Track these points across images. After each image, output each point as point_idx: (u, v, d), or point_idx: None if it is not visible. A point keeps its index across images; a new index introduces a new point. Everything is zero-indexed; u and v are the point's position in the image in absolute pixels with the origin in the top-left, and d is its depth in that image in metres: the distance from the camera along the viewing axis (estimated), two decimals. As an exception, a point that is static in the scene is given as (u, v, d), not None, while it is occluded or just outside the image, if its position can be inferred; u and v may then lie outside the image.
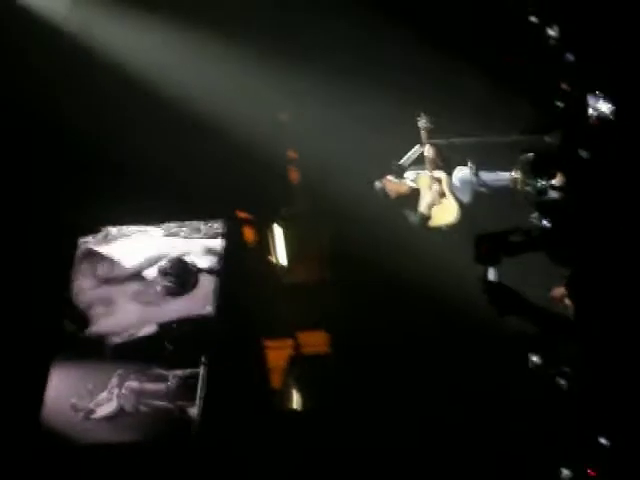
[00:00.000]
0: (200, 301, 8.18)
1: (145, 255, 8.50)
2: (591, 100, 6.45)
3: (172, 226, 8.66)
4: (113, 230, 8.69)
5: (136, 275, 8.45)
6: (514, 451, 7.05)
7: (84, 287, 8.43)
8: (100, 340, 8.13)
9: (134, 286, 8.38)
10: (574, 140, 6.79)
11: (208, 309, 8.14)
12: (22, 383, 7.77)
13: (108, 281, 8.44)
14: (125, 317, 8.20)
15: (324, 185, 8.40)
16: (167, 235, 8.61)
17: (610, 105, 6.34)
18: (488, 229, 7.13)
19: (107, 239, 8.66)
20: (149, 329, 8.10)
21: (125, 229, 8.68)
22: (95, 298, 8.36)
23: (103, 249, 8.62)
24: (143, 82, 8.39)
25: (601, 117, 6.38)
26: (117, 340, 8.09)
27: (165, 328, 8.09)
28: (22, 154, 8.42)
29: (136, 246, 8.61)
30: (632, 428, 6.43)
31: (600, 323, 6.71)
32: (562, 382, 6.73)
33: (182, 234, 8.59)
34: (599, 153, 6.59)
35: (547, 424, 6.82)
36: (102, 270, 8.49)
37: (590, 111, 6.45)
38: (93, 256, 8.58)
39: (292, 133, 8.70)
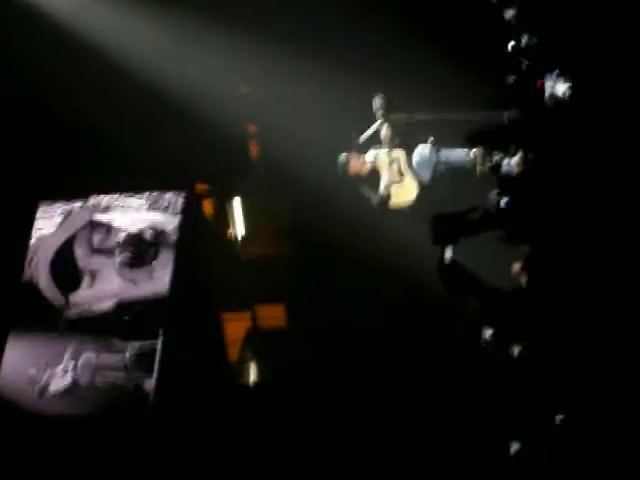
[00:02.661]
0: (158, 275, 8.16)
1: (131, 227, 8.44)
2: (549, 79, 6.50)
3: (155, 197, 8.58)
4: (103, 200, 8.58)
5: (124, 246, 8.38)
6: (468, 426, 7.17)
7: (78, 255, 8.31)
8: (54, 312, 8.08)
9: (116, 257, 8.30)
10: (532, 118, 6.86)
11: (166, 286, 8.13)
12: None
13: (100, 251, 8.34)
14: (105, 289, 8.16)
15: (284, 159, 8.39)
16: (150, 207, 8.55)
17: (567, 85, 6.38)
18: (447, 208, 7.21)
19: (100, 208, 8.54)
20: (107, 304, 8.06)
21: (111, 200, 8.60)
22: (86, 267, 8.27)
23: (100, 217, 8.51)
24: (102, 52, 8.32)
25: (556, 98, 6.43)
26: (72, 313, 8.04)
27: (123, 305, 8.06)
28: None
29: (125, 218, 8.49)
30: (585, 401, 6.58)
31: (555, 299, 6.82)
32: (515, 357, 6.86)
33: (164, 207, 8.53)
34: (554, 132, 6.65)
35: (499, 398, 6.95)
36: (97, 239, 8.38)
37: (547, 90, 6.51)
38: (89, 225, 8.46)
39: (252, 106, 8.66)
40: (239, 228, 8.73)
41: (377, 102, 7.65)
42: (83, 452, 7.43)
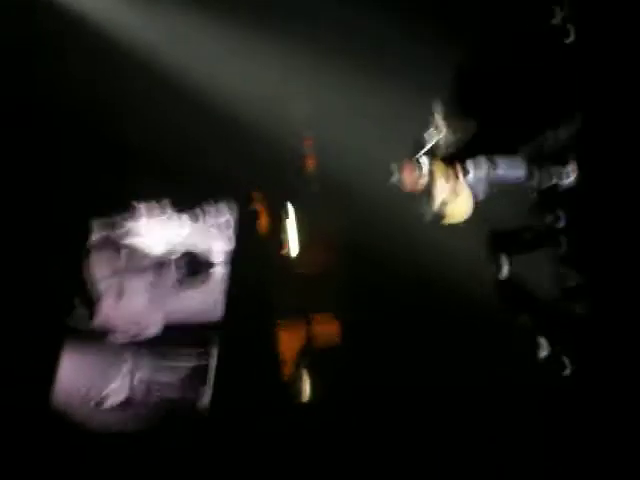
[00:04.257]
0: (212, 292, 8.21)
1: (167, 243, 8.52)
2: None
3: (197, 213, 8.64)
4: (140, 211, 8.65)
5: (154, 265, 8.44)
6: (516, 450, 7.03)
7: (100, 275, 8.40)
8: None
9: (149, 277, 8.36)
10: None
11: (218, 305, 8.16)
12: (31, 370, 7.83)
13: (126, 269, 8.42)
14: (132, 312, 8.20)
15: (339, 173, 8.36)
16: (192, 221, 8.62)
17: None
18: (502, 223, 7.11)
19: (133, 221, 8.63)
20: (153, 330, 8.13)
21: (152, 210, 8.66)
22: (108, 287, 8.34)
23: (126, 238, 8.59)
24: (160, 70, 8.41)
25: None
26: (120, 339, 8.12)
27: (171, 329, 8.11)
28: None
29: (160, 234, 8.61)
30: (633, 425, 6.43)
31: (614, 321, 6.69)
32: (567, 376, 6.75)
33: (202, 221, 8.58)
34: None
35: (550, 415, 6.83)
36: (122, 258, 8.45)
37: None
38: (114, 244, 8.55)
39: (309, 121, 8.66)
40: (293, 244, 8.72)
41: (437, 109, 7.45)
42: (138, 467, 7.48)
